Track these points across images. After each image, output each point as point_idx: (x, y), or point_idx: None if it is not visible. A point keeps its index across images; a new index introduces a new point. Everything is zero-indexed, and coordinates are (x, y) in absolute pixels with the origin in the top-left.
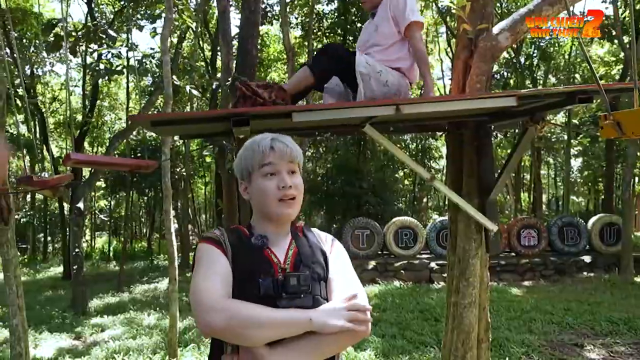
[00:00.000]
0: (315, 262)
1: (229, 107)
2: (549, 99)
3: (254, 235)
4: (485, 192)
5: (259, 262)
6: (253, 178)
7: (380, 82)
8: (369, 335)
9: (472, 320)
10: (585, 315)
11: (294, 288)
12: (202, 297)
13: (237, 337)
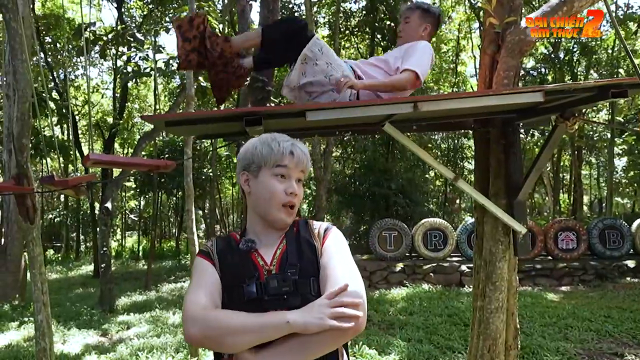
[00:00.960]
0: (303, 259)
1: (247, 107)
2: (579, 94)
3: (242, 240)
4: (514, 193)
5: (245, 267)
6: (261, 173)
7: (324, 73)
8: (361, 330)
9: (499, 326)
10: (627, 323)
11: (275, 290)
12: (185, 309)
13: (216, 346)
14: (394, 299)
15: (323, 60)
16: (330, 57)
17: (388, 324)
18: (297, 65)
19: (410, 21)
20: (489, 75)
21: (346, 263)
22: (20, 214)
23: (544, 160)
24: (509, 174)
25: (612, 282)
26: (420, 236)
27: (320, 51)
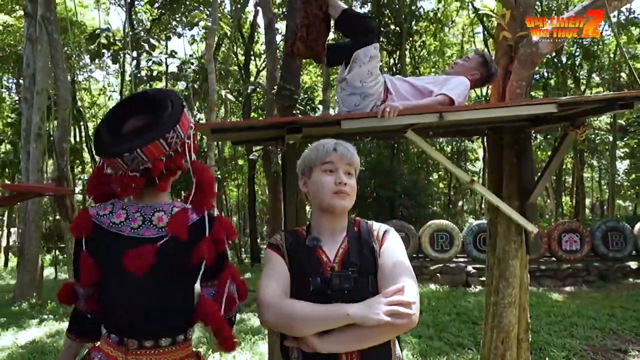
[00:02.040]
0: (363, 258)
1: (273, 114)
2: (589, 105)
3: (309, 237)
4: (526, 195)
5: (311, 263)
6: (313, 173)
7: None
8: (414, 325)
9: (512, 320)
10: (631, 321)
11: (337, 286)
12: (261, 297)
13: (286, 330)
14: None
15: (366, 67)
16: (372, 68)
17: None
18: (351, 67)
19: (470, 62)
20: (502, 85)
21: (402, 264)
22: (60, 214)
23: (555, 165)
24: (522, 178)
25: (615, 283)
26: (427, 237)
27: (368, 58)
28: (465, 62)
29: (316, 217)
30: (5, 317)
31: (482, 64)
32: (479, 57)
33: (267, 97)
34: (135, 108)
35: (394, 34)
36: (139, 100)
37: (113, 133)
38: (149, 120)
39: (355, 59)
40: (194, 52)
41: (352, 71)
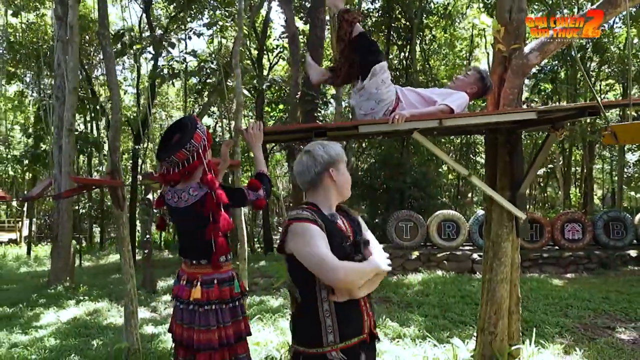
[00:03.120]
0: (359, 230)
1: (297, 116)
2: (563, 112)
3: (328, 214)
4: (516, 187)
5: (339, 233)
6: (340, 166)
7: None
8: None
9: (503, 294)
10: (622, 303)
11: (359, 249)
12: (328, 262)
13: (350, 284)
14: (411, 283)
15: (381, 77)
16: (385, 78)
17: (406, 303)
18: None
19: (469, 78)
20: (497, 91)
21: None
22: (113, 203)
23: (540, 161)
24: (513, 172)
25: (614, 270)
26: (434, 227)
27: (383, 72)
28: (465, 77)
29: (332, 199)
30: (44, 298)
31: (479, 79)
32: (476, 74)
33: (291, 101)
34: (176, 127)
35: (405, 28)
36: (177, 123)
37: (163, 145)
38: (178, 138)
39: (373, 72)
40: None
41: (370, 80)
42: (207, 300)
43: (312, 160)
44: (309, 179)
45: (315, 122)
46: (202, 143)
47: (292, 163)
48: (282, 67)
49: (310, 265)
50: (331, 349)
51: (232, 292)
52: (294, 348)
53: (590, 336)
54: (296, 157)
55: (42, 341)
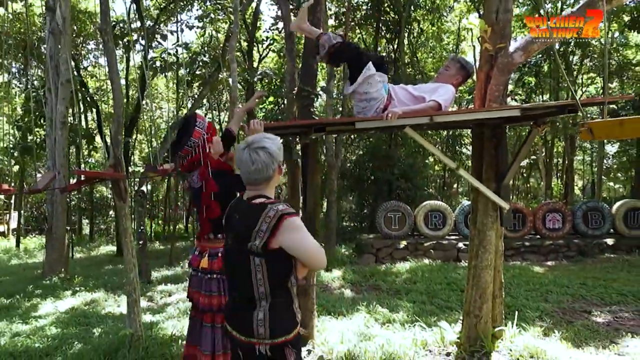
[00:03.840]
0: None
1: (293, 111)
2: (544, 110)
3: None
4: (501, 178)
5: None
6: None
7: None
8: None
9: (487, 280)
10: (599, 288)
11: None
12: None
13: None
14: (399, 271)
15: (367, 81)
16: (373, 81)
17: (395, 291)
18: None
19: (450, 69)
20: (484, 88)
21: None
22: (115, 195)
23: (523, 154)
24: (498, 165)
25: (592, 257)
26: (421, 217)
27: (368, 74)
28: (447, 70)
29: (273, 191)
30: (40, 289)
31: (460, 68)
32: (456, 63)
33: (288, 96)
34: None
35: (393, 22)
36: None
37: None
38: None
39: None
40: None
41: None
42: (210, 269)
43: (270, 157)
44: (267, 176)
45: (312, 117)
46: (201, 138)
47: (288, 155)
48: (272, 59)
49: (307, 255)
50: (300, 327)
51: None
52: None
53: (568, 319)
54: (292, 151)
55: (44, 330)
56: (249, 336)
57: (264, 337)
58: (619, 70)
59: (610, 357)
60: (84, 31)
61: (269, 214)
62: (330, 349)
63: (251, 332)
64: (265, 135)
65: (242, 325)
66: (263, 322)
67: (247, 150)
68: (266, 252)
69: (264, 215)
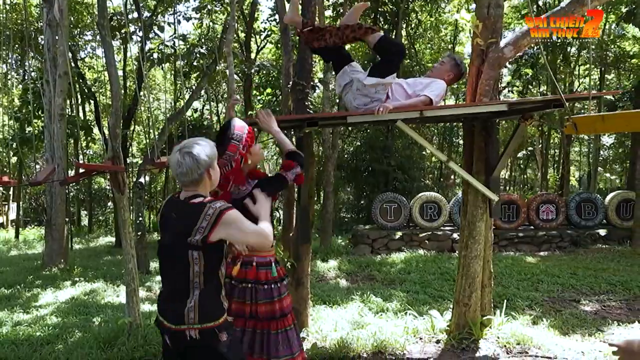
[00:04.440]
0: None
1: (288, 104)
2: (531, 104)
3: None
4: (490, 171)
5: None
6: (215, 165)
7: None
8: None
9: (477, 269)
10: (589, 278)
11: None
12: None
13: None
14: (394, 261)
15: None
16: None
17: (389, 280)
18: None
19: (445, 65)
20: (475, 82)
21: None
22: (113, 187)
23: (512, 147)
24: (487, 158)
25: (584, 248)
26: (417, 208)
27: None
28: (441, 65)
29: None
30: (41, 279)
31: (454, 65)
32: (451, 60)
33: (283, 90)
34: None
35: (391, 13)
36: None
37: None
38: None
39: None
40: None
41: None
42: (244, 278)
43: (195, 163)
44: (192, 179)
45: (306, 110)
46: (237, 152)
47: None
48: (270, 50)
49: (247, 239)
50: (227, 315)
51: (269, 276)
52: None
53: (557, 308)
54: None
55: (44, 319)
56: (179, 323)
57: (194, 322)
58: (616, 62)
59: (595, 344)
60: (82, 22)
61: (209, 213)
62: (323, 337)
63: (182, 318)
64: (199, 140)
65: (174, 314)
66: (193, 308)
67: (177, 153)
68: (205, 245)
69: (203, 214)
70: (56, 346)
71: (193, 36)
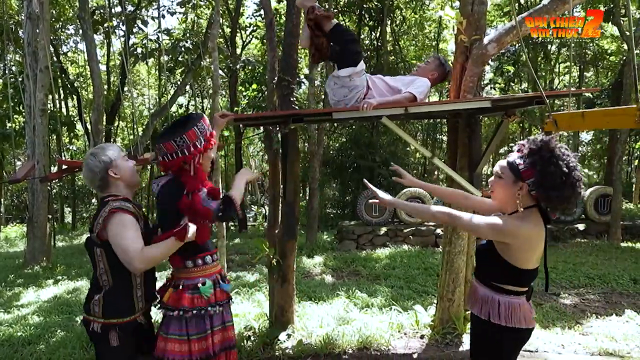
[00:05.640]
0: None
1: (273, 100)
2: (514, 101)
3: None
4: (474, 167)
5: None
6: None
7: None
8: None
9: (460, 265)
10: (568, 272)
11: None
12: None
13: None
14: (379, 257)
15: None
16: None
17: (374, 276)
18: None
19: (429, 64)
20: (459, 79)
21: None
22: None
23: (494, 145)
24: (471, 154)
25: (563, 242)
26: None
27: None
28: (426, 65)
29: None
30: (22, 278)
31: (439, 65)
32: (436, 60)
33: (268, 86)
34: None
35: (376, 9)
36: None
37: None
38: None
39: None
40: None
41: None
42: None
43: (90, 172)
44: (96, 185)
45: (292, 106)
46: (194, 142)
47: (269, 144)
48: (255, 46)
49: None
50: (140, 314)
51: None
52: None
53: (537, 302)
54: (272, 139)
55: (26, 319)
56: (87, 313)
57: (98, 315)
58: (595, 60)
59: (574, 337)
60: (64, 16)
61: (105, 209)
62: (309, 333)
63: (89, 309)
64: (92, 151)
65: (86, 302)
66: (98, 302)
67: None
68: (102, 242)
69: (102, 210)
70: (38, 346)
71: (178, 31)
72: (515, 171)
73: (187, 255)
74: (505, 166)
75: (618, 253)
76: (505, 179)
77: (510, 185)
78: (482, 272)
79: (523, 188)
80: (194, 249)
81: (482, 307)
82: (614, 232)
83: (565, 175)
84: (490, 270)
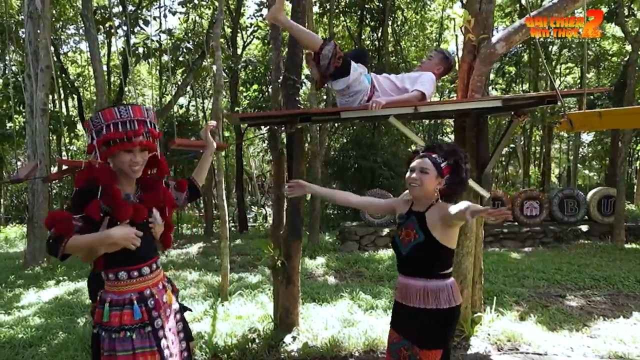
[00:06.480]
0: None
1: (278, 100)
2: (525, 101)
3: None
4: (482, 168)
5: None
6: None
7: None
8: None
9: (468, 266)
10: (573, 273)
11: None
12: None
13: None
14: (382, 258)
15: (351, 78)
16: (356, 76)
17: (378, 277)
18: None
19: (433, 59)
20: (466, 78)
21: None
22: None
23: (504, 144)
24: (479, 154)
25: (567, 243)
26: None
27: (355, 70)
28: (430, 59)
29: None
30: (23, 279)
31: (443, 59)
32: (439, 54)
33: (274, 85)
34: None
35: (377, 10)
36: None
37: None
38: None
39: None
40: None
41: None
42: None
43: None
44: None
45: (297, 106)
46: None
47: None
48: (256, 46)
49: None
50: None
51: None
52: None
53: (543, 304)
54: (277, 139)
55: (27, 321)
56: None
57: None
58: (596, 61)
59: (582, 340)
60: (64, 15)
61: None
62: (314, 336)
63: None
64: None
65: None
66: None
67: None
68: None
69: None
70: (39, 348)
71: (179, 31)
72: (438, 168)
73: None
74: (430, 163)
75: (622, 254)
76: (430, 174)
77: (434, 179)
78: (425, 268)
79: (441, 183)
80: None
81: (429, 298)
82: (617, 234)
83: (467, 172)
84: (435, 262)
